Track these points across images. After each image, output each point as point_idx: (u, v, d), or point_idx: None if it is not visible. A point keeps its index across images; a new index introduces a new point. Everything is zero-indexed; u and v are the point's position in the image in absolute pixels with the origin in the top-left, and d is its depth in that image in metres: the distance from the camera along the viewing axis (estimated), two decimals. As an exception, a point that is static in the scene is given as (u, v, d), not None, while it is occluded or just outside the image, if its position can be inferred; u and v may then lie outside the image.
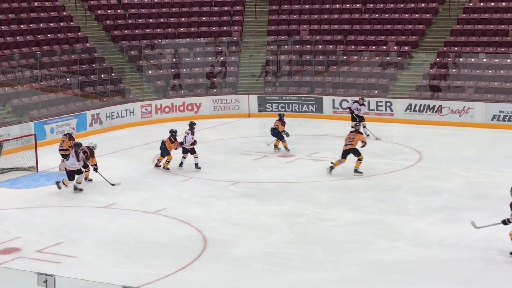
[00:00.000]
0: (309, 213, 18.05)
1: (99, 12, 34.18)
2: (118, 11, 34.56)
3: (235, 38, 34.39)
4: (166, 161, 22.30)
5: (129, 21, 34.36)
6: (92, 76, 30.72)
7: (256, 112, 31.54)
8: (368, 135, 25.83)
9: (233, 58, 33.66)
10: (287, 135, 24.38)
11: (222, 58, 33.60)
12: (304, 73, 32.68)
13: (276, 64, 33.34)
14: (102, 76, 31.00)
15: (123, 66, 32.68)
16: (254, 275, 14.23)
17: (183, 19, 35.04)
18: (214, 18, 35.18)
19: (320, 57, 32.81)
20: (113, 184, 20.46)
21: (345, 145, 21.63)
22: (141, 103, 30.73)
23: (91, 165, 20.66)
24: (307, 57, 33.04)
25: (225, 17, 35.26)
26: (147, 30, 34.21)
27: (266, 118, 30.92)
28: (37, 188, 20.80)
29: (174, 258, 15.13)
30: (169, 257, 15.24)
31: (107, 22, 33.97)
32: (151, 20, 34.67)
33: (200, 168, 22.14)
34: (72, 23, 32.98)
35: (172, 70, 32.82)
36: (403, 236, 16.29)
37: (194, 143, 22.36)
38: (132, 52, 32.98)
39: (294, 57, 33.25)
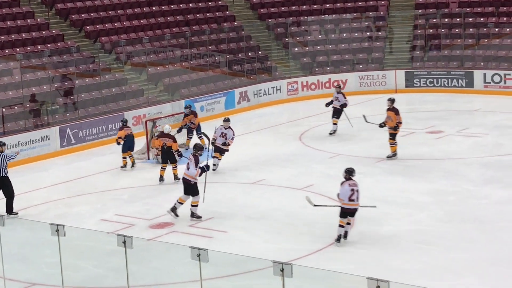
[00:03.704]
0: (460, 191, 17.62)
1: (245, -10, 34.61)
2: (264, -11, 34.84)
3: (381, 12, 33.90)
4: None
5: (275, -2, 34.57)
6: (239, 54, 31.19)
7: (403, 88, 31.00)
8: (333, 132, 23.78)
9: (379, 33, 33.20)
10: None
11: (368, 34, 33.23)
12: (454, 47, 31.81)
13: (424, 38, 32.62)
14: (249, 54, 31.40)
15: (270, 43, 32.95)
16: (404, 253, 14.05)
17: (328, -5, 34.90)
18: (360, -7, 34.83)
19: (471, 30, 31.83)
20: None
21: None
22: (287, 80, 30.91)
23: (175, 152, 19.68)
24: (457, 30, 32.12)
25: (371, -8, 34.85)
26: (293, 7, 34.32)
27: (414, 94, 30.43)
28: (188, 164, 21.34)
29: (322, 235, 15.16)
30: (317, 233, 15.29)
31: (254, 0, 34.31)
32: (297, -3, 34.75)
33: None
34: (220, 2, 33.57)
35: (318, 47, 32.77)
36: (560, 215, 15.63)
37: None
38: (279, 29, 33.18)
39: (443, 30, 32.40)
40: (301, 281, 10.35)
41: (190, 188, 16.24)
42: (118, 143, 21.35)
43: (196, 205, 16.34)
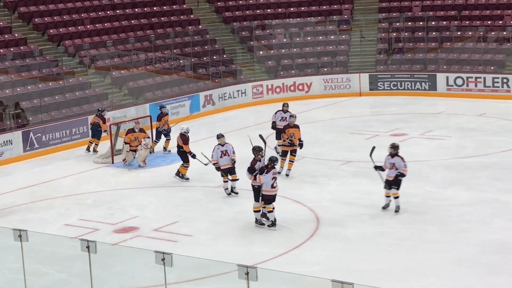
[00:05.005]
0: (423, 193, 17.77)
1: (210, -6, 34.60)
2: (229, -8, 34.88)
3: (345, 16, 34.09)
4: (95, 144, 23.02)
5: (240, 2, 34.61)
6: (204, 58, 31.15)
7: (367, 91, 31.22)
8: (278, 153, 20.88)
9: (343, 36, 33.38)
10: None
11: (332, 37, 33.38)
12: (417, 50, 32.09)
13: (387, 42, 32.87)
14: (214, 57, 31.38)
15: (235, 47, 32.97)
16: (368, 255, 14.13)
17: (293, -2, 35.03)
18: (325, -4, 35.01)
19: (433, 33, 32.13)
20: (206, 164, 19.32)
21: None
22: (253, 83, 30.94)
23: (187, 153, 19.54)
24: (420, 33, 32.41)
25: (335, -5, 35.02)
26: (258, 11, 34.37)
27: (378, 97, 30.66)
28: (153, 168, 21.30)
29: (287, 238, 15.20)
30: (282, 236, 15.32)
31: (218, 3, 34.33)
32: (261, 0, 34.82)
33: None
34: (184, 6, 33.52)
35: (283, 51, 32.86)
36: (521, 216, 15.84)
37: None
38: (243, 33, 33.21)
39: (406, 34, 32.68)
40: (266, 284, 10.37)
41: (254, 193, 15.91)
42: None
43: (258, 211, 15.92)
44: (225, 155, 18.03)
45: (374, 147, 17.17)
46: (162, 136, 23.09)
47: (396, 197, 16.27)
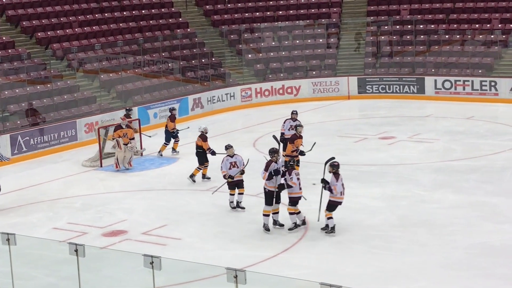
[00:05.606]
0: (412, 196, 17.81)
1: (199, -3, 34.60)
2: (218, -5, 34.88)
3: (334, 19, 34.15)
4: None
5: (229, 5, 34.62)
6: (193, 61, 31.14)
7: (356, 94, 31.27)
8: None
9: (332, 40, 33.44)
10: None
11: (321, 40, 33.43)
12: (405, 54, 32.19)
13: (376, 45, 32.94)
14: (203, 60, 31.38)
15: (223, 50, 32.97)
16: (357, 258, 14.14)
17: (281, 1, 35.07)
18: (313, 0, 35.03)
19: (422, 36, 32.24)
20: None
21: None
22: (241, 87, 30.95)
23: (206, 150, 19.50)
24: (408, 37, 32.51)
25: (324, -1, 35.10)
26: (246, 14, 34.40)
27: (367, 100, 30.71)
28: (142, 171, 21.27)
29: (276, 241, 15.18)
30: (271, 239, 15.30)
31: (207, 7, 34.34)
32: (250, 4, 34.83)
33: None
34: (173, 9, 33.50)
35: (272, 54, 32.88)
36: (510, 218, 15.88)
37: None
38: (232, 36, 33.21)
39: (394, 37, 32.77)
40: (255, 288, 10.37)
41: (266, 197, 15.60)
42: None
43: (267, 215, 15.63)
44: (234, 166, 17.35)
45: (333, 158, 16.17)
46: (170, 136, 23.02)
47: (329, 218, 15.43)
